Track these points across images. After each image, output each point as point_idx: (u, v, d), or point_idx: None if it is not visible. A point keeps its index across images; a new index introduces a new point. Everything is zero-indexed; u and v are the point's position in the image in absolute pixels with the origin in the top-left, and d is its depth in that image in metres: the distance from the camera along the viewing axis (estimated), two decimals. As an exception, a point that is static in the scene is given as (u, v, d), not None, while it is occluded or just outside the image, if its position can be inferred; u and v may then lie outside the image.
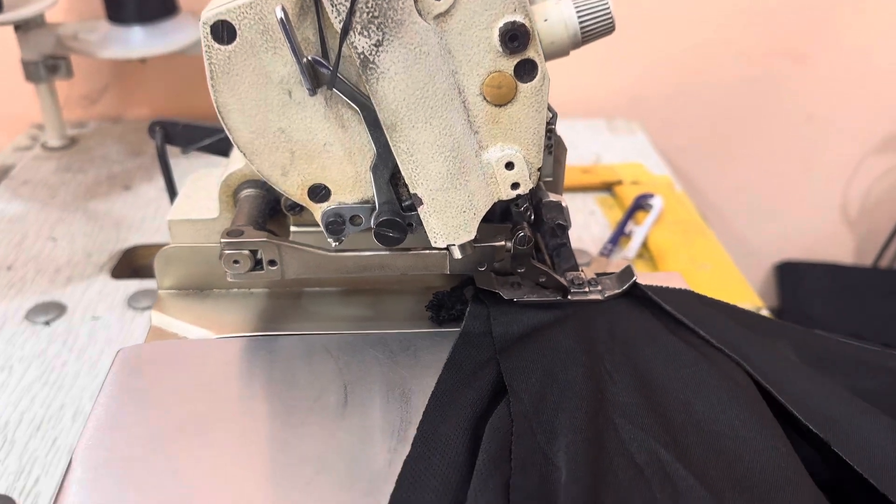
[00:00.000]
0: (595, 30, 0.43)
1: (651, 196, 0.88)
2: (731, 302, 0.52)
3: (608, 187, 0.94)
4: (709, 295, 0.52)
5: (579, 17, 0.42)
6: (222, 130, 0.41)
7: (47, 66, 0.92)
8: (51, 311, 0.68)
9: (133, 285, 0.73)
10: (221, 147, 0.57)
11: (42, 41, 0.90)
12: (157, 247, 0.80)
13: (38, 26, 0.90)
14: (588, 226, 0.86)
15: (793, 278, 1.32)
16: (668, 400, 0.42)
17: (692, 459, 0.38)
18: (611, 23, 0.43)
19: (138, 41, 0.91)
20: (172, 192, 0.61)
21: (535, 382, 0.41)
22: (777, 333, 0.49)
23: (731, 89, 1.18)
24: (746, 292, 0.72)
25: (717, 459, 0.38)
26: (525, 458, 0.37)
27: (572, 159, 0.50)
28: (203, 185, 0.55)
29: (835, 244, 1.36)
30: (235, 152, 0.52)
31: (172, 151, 0.61)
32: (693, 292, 0.51)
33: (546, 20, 0.42)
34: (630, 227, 0.84)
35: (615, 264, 0.78)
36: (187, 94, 1.10)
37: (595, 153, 1.04)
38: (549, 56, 0.42)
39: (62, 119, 1.00)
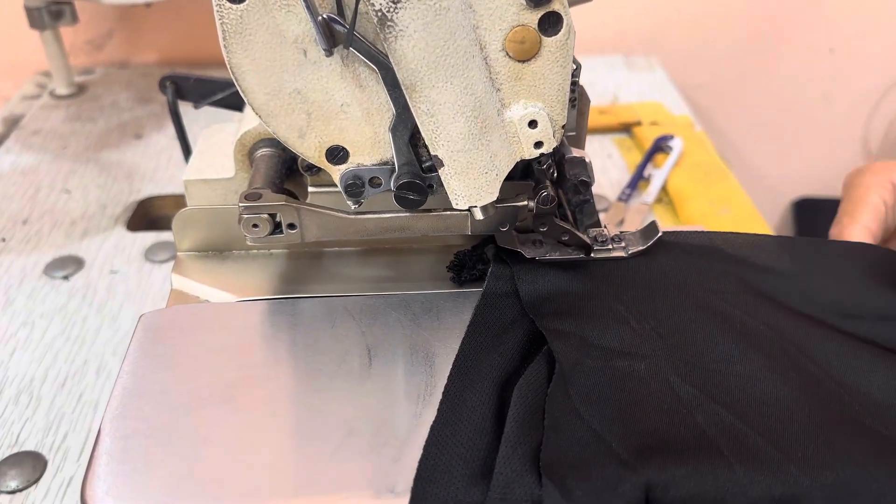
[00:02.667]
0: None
1: (671, 138, 0.86)
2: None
3: (626, 128, 0.92)
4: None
5: (604, -37, 0.40)
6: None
7: (51, 11, 0.90)
8: (69, 265, 0.69)
9: (149, 238, 0.72)
10: (234, 101, 0.56)
11: (44, -14, 0.88)
12: (172, 197, 0.80)
13: (39, -29, 0.88)
14: (606, 169, 0.85)
15: (810, 215, 1.31)
16: (716, 353, 0.42)
17: (750, 415, 0.38)
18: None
19: (142, -16, 0.88)
20: (186, 148, 0.60)
21: (571, 347, 0.41)
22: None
23: (752, 22, 1.15)
24: (768, 237, 0.72)
25: (773, 412, 0.38)
26: (559, 418, 0.37)
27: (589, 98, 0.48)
28: (217, 141, 0.54)
29: (855, 179, 1.34)
30: (250, 110, 0.51)
31: (183, 104, 0.59)
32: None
33: (568, -35, 0.40)
34: (649, 170, 0.82)
35: (634, 209, 0.77)
36: (194, 38, 1.08)
37: (612, 92, 1.02)
38: (573, 2, 0.40)
39: (69, 66, 0.99)
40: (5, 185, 0.80)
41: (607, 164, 0.86)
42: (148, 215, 0.79)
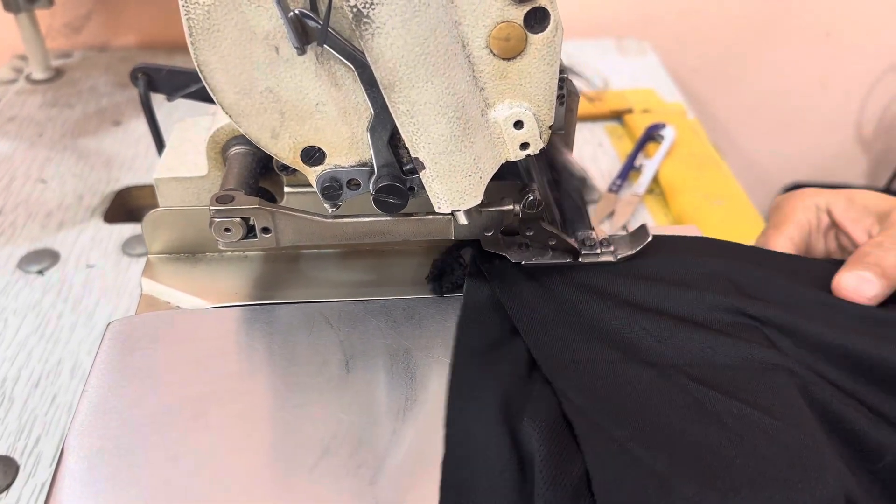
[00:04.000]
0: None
1: (663, 126, 0.84)
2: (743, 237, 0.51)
3: (618, 116, 0.90)
4: (720, 234, 0.51)
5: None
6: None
7: (25, -6, 0.87)
8: (44, 259, 0.67)
9: (127, 230, 0.71)
10: (208, 94, 0.54)
11: (17, -33, 0.85)
12: (150, 187, 0.77)
13: (11, -49, 0.85)
14: (596, 158, 0.83)
15: (803, 201, 1.30)
16: (717, 352, 0.41)
17: (774, 408, 0.37)
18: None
19: (119, -35, 0.85)
20: (160, 142, 0.57)
21: (575, 376, 0.39)
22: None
23: (748, 5, 1.13)
24: (760, 229, 0.70)
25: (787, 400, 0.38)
26: (599, 454, 0.35)
27: (580, 84, 0.46)
28: (190, 136, 0.52)
29: (848, 165, 1.33)
30: (223, 106, 0.48)
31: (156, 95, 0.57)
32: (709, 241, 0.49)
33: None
34: (640, 160, 0.80)
35: (624, 201, 0.75)
36: (175, 20, 1.04)
37: (604, 78, 0.99)
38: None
39: (46, 50, 0.96)
40: (-22, 175, 0.78)
41: (598, 153, 0.84)
42: (126, 206, 0.77)
